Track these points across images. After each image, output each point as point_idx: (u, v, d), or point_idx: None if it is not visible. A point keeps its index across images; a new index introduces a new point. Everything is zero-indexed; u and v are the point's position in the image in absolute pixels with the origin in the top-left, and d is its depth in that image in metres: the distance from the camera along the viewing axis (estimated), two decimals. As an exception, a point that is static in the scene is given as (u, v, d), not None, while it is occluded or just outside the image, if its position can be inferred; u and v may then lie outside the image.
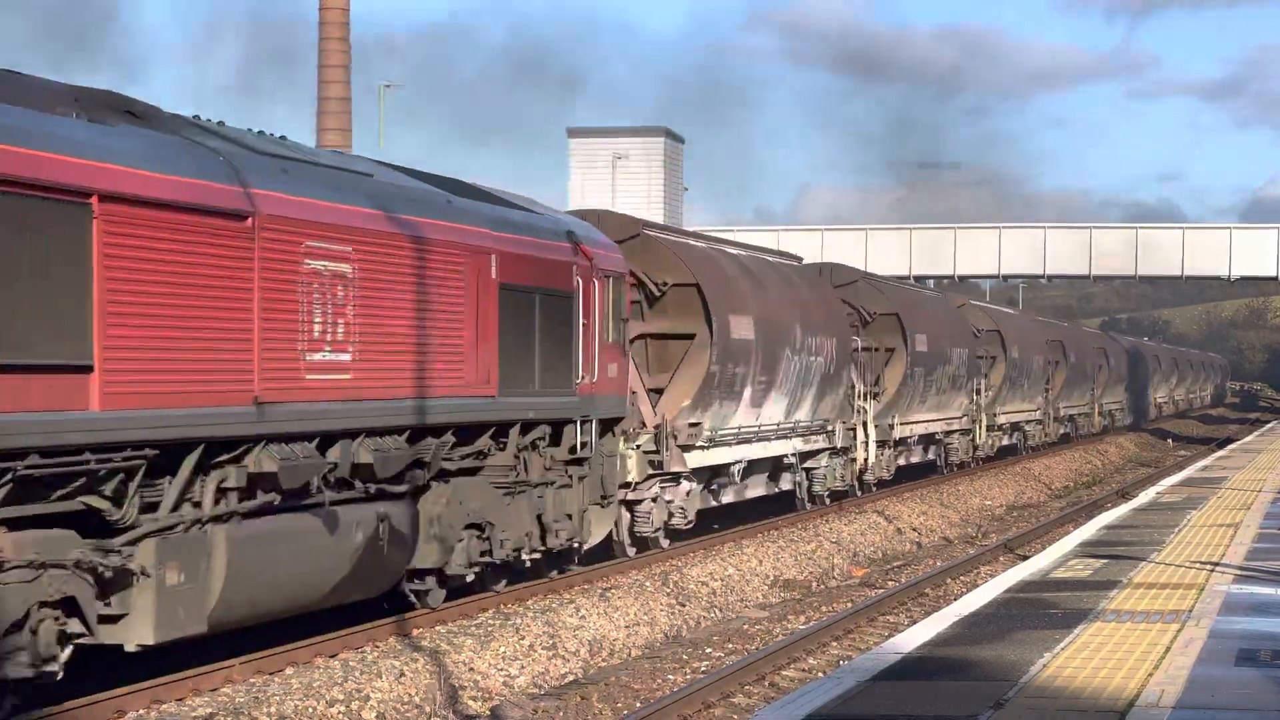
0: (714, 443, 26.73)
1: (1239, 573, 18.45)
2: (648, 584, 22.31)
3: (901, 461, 39.64)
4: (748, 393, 27.52)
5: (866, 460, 35.19)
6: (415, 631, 17.98)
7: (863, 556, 29.28)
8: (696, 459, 25.95)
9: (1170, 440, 74.37)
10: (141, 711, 14.11)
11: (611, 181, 76.13)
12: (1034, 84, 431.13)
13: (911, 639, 14.20)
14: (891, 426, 37.12)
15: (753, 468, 29.20)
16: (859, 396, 34.89)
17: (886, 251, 67.11)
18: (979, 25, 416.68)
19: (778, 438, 30.04)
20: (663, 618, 21.05)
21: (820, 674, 16.63)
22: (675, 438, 24.92)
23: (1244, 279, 68.04)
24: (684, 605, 21.98)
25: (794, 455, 30.98)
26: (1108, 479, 51.75)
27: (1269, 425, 79.64)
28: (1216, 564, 19.37)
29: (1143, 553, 20.87)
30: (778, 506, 31.98)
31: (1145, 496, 31.79)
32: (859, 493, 35.11)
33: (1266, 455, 46.76)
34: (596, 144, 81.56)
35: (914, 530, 33.45)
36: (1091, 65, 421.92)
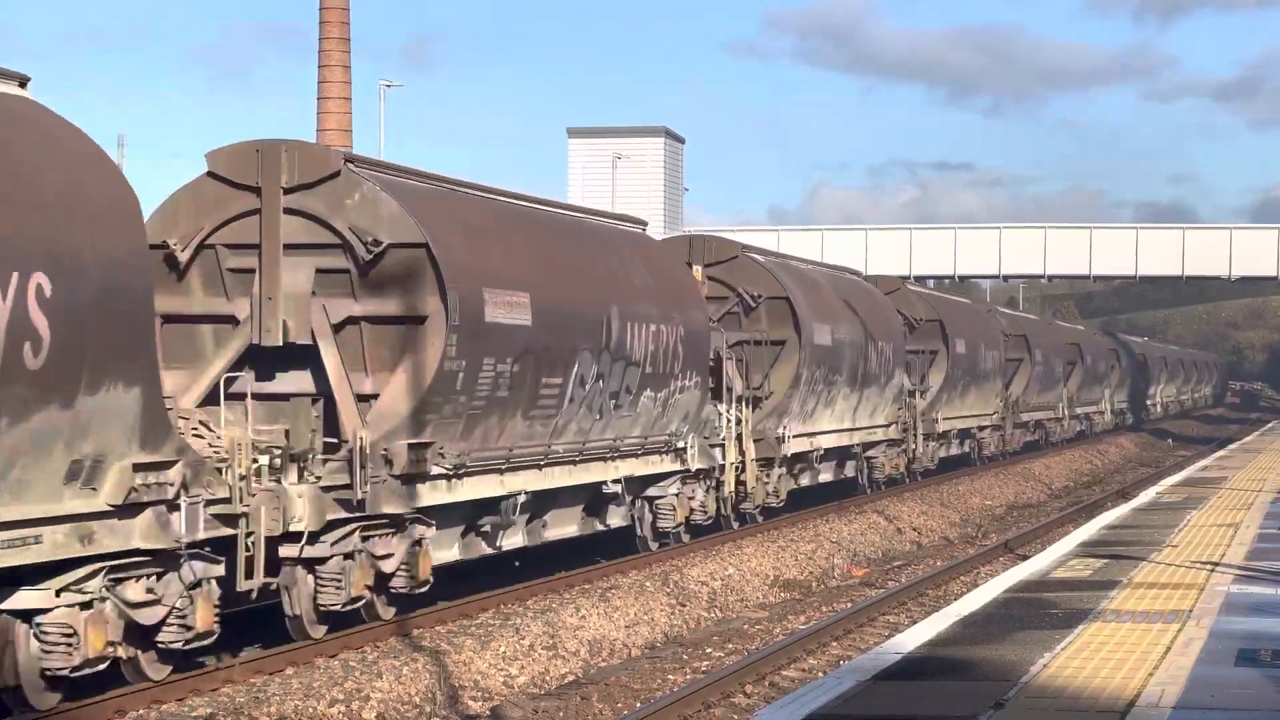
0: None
1: (1239, 573, 18.45)
2: (648, 584, 22.31)
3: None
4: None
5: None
6: (415, 631, 17.98)
7: (863, 556, 29.27)
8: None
9: (1170, 440, 74.37)
10: (142, 711, 14.11)
11: (612, 182, 76.11)
12: (1048, 84, 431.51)
13: (912, 639, 14.20)
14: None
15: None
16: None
17: (887, 252, 67.11)
18: (997, 25, 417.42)
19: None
20: (663, 618, 21.04)
21: (820, 674, 16.63)
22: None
23: (1244, 279, 68.04)
24: (684, 605, 21.98)
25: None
26: (1108, 479, 51.74)
27: (1269, 425, 79.63)
28: (1217, 564, 19.36)
29: (1143, 553, 20.87)
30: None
31: (1145, 496, 31.78)
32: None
33: (1266, 455, 46.75)
34: (597, 144, 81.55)
35: (914, 530, 33.45)
36: (1106, 66, 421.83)
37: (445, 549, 19.34)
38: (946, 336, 42.64)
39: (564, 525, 22.74)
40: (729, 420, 27.26)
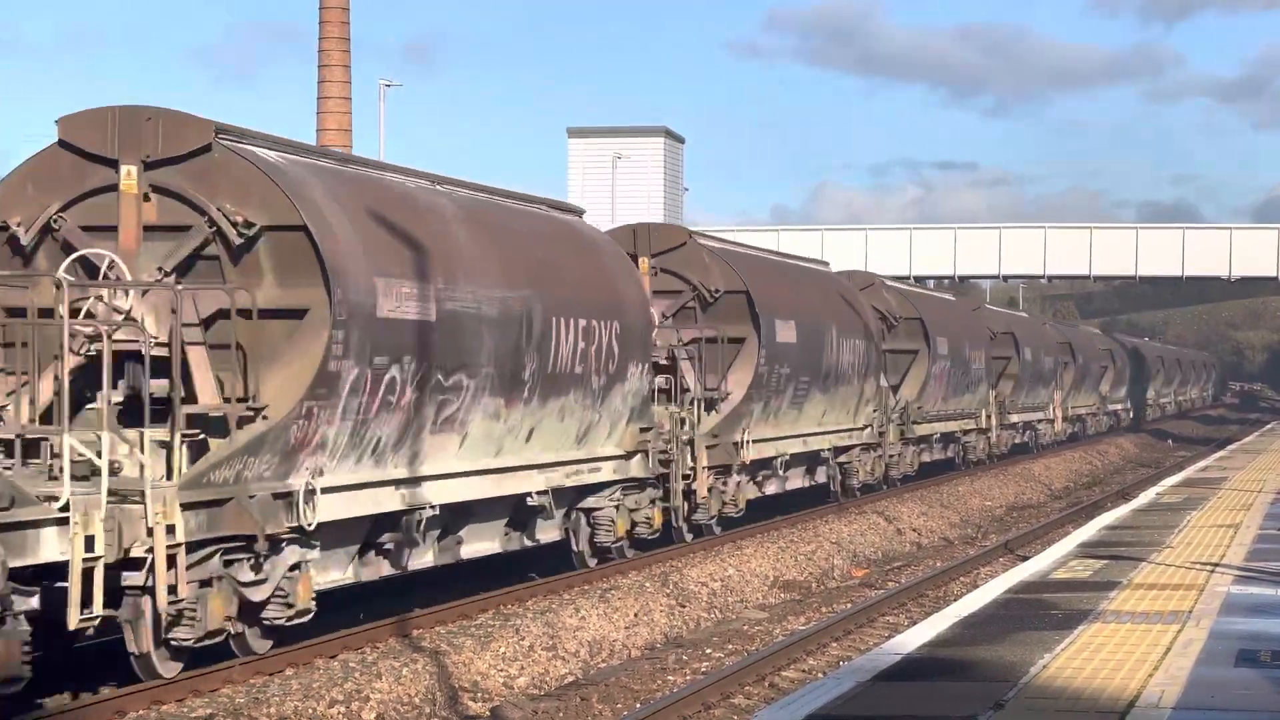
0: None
1: (1239, 573, 18.45)
2: (648, 585, 22.31)
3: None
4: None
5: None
6: (415, 632, 17.98)
7: (863, 557, 29.27)
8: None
9: (1170, 441, 74.36)
10: (142, 712, 14.11)
11: (611, 182, 76.11)
12: (1051, 83, 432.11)
13: (912, 639, 14.20)
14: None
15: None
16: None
17: (887, 252, 67.11)
18: (1001, 24, 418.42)
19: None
20: (662, 619, 21.04)
21: (820, 675, 16.62)
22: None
23: (1244, 279, 68.04)
24: (684, 606, 21.98)
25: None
26: (1108, 479, 51.74)
27: (1269, 426, 79.62)
28: (1217, 565, 19.37)
29: (1143, 553, 20.87)
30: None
31: (1145, 497, 31.78)
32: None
33: (1266, 456, 46.75)
34: (597, 144, 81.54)
35: (914, 531, 33.45)
36: (1110, 66, 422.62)
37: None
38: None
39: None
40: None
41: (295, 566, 16.02)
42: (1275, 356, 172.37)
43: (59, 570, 13.47)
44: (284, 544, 15.81)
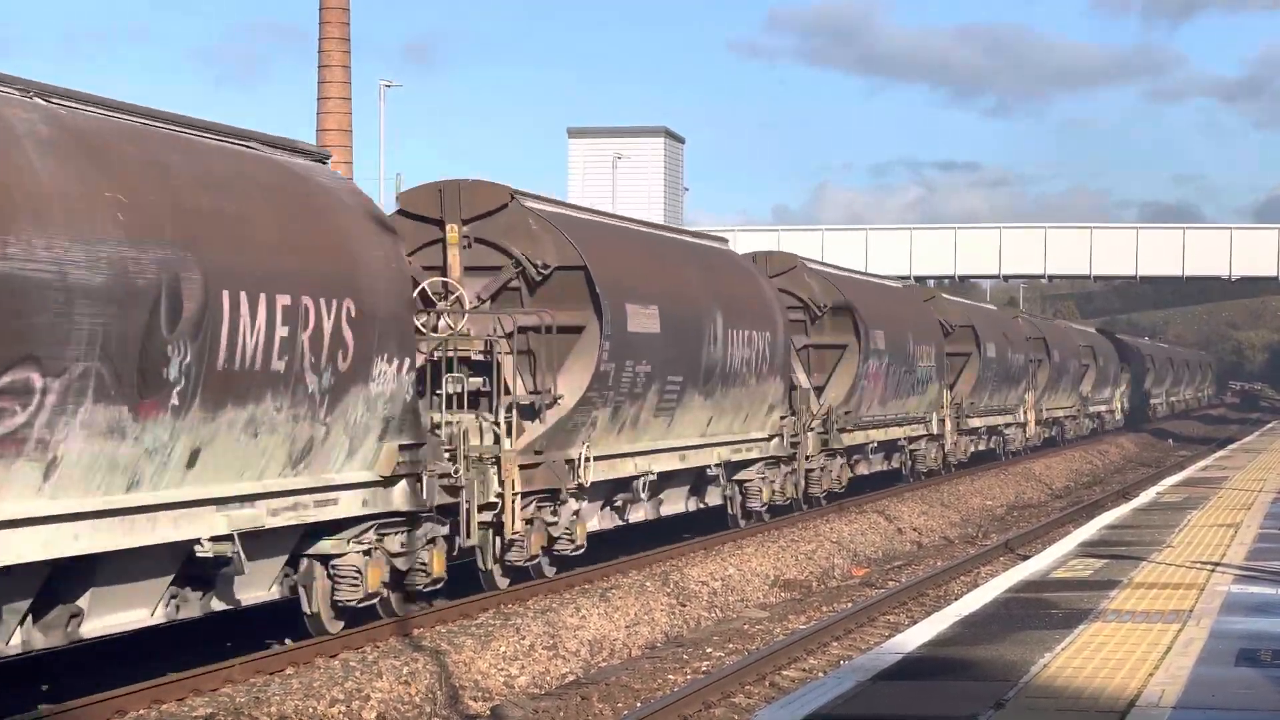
0: None
1: (1239, 573, 18.44)
2: (648, 584, 22.31)
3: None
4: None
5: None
6: (416, 631, 17.98)
7: (863, 556, 29.27)
8: None
9: (1171, 440, 74.37)
10: (142, 711, 14.11)
11: (612, 182, 76.10)
12: (1053, 83, 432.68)
13: (912, 639, 14.20)
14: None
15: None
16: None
17: (888, 252, 67.14)
18: (1003, 24, 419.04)
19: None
20: (663, 618, 21.04)
21: (821, 674, 16.62)
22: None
23: (1244, 279, 68.07)
24: (684, 605, 21.98)
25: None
26: (1108, 479, 51.74)
27: (1269, 425, 79.62)
28: (1217, 564, 19.36)
29: (1143, 553, 20.87)
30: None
31: (1146, 496, 31.78)
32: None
33: (1267, 455, 46.76)
34: (596, 144, 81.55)
35: (914, 530, 33.45)
36: (1112, 65, 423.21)
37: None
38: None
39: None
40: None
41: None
42: (1276, 356, 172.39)
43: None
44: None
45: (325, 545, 17.02)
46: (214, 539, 14.79)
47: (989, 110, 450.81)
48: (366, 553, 17.30)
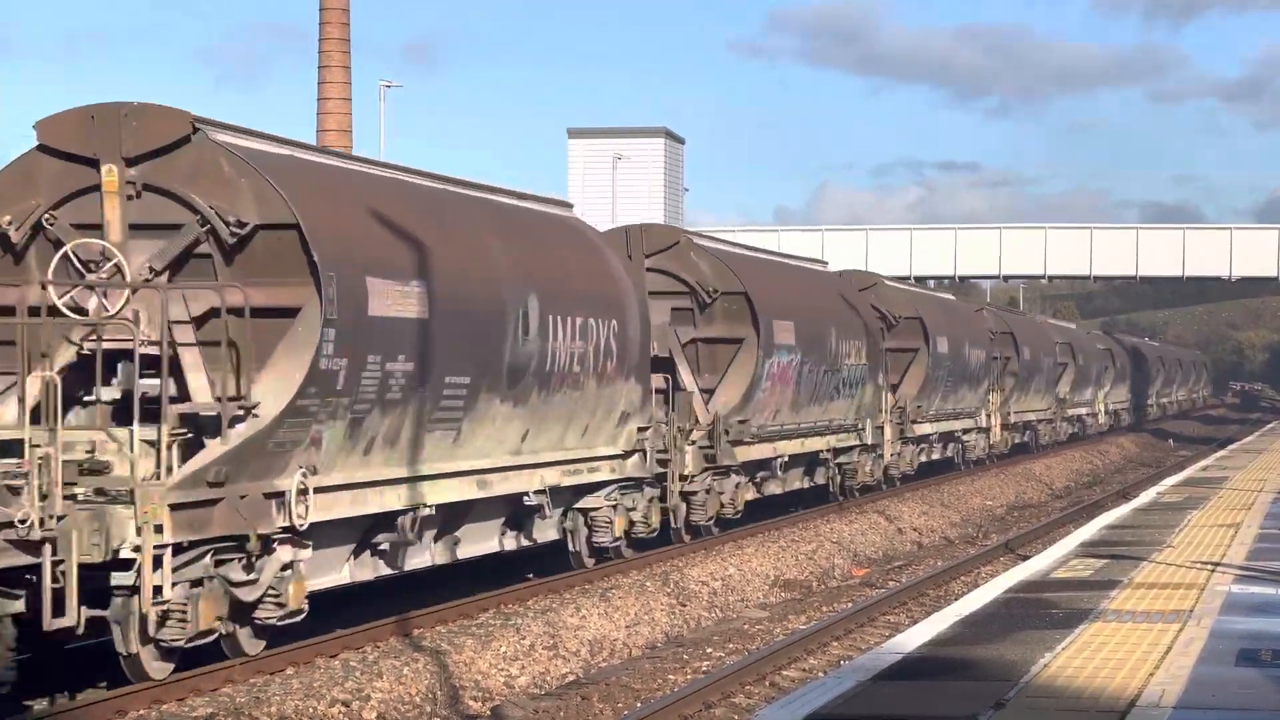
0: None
1: (1240, 573, 18.44)
2: (648, 584, 22.30)
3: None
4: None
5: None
6: (416, 631, 17.97)
7: (863, 556, 29.27)
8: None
9: (1171, 440, 74.35)
10: (142, 712, 14.11)
11: (612, 182, 76.11)
12: (1054, 84, 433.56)
13: (912, 639, 14.19)
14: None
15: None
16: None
17: (888, 252, 67.13)
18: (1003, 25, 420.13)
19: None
20: (663, 618, 21.04)
21: (821, 674, 16.62)
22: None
23: (1244, 279, 68.06)
24: (684, 605, 21.97)
25: (536, 496, 20.83)
26: (1108, 479, 51.73)
27: (1269, 426, 79.60)
28: (1217, 564, 19.36)
29: (1144, 553, 20.86)
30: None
31: (1146, 497, 31.78)
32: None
33: (1267, 455, 46.76)
34: (597, 144, 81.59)
35: (915, 530, 33.44)
36: (1114, 67, 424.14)
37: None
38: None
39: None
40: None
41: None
42: (1276, 356, 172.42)
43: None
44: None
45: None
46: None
47: (990, 111, 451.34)
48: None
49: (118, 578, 14.22)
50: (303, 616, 16.13)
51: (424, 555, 18.96)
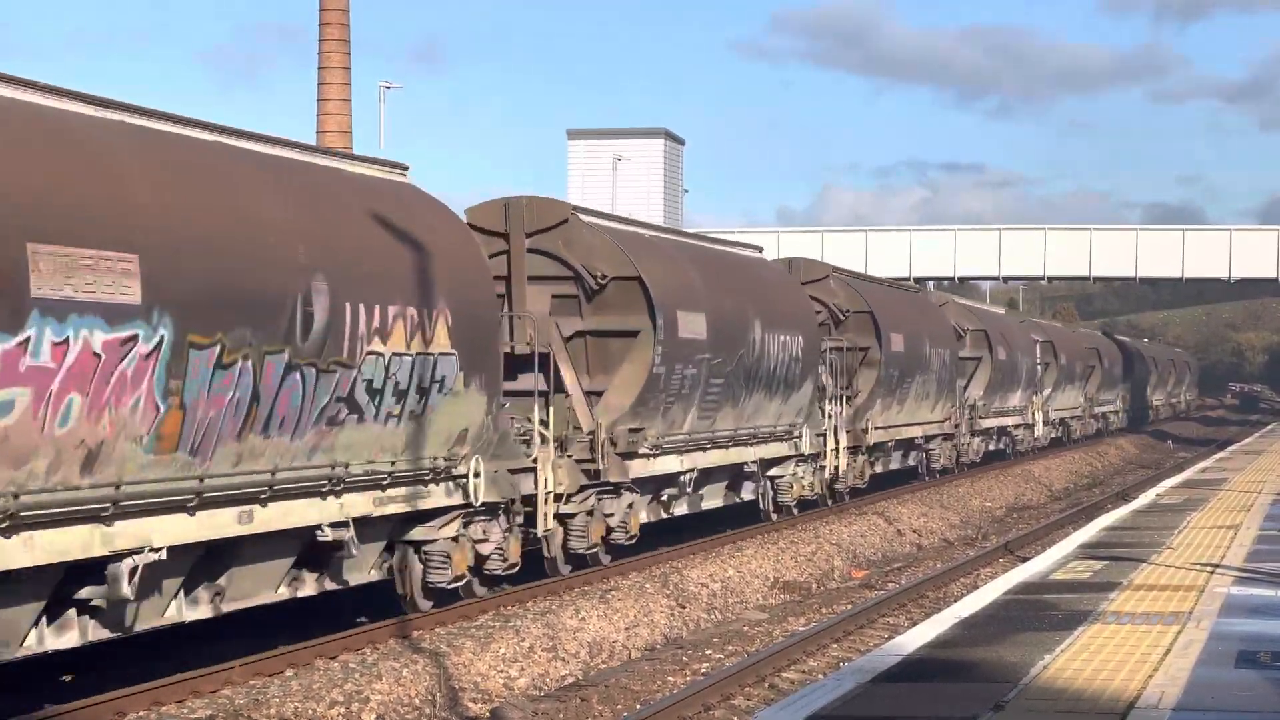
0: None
1: (1239, 574, 18.45)
2: (648, 586, 22.31)
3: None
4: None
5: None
6: (415, 633, 17.98)
7: (863, 558, 29.27)
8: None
9: (1170, 442, 74.34)
10: (142, 713, 14.12)
11: (611, 183, 76.11)
12: (1057, 85, 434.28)
13: (912, 640, 14.20)
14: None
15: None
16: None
17: (888, 253, 67.14)
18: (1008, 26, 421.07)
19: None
20: (662, 620, 21.04)
21: (820, 676, 16.62)
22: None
23: (1244, 280, 68.08)
24: (684, 607, 21.98)
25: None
26: (1107, 480, 51.74)
27: (1269, 427, 79.61)
28: (1217, 566, 19.36)
29: (1143, 554, 20.87)
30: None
31: (1145, 498, 31.78)
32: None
33: (1266, 457, 46.76)
34: (596, 145, 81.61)
35: (914, 532, 33.44)
36: (1117, 67, 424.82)
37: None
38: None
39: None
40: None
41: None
42: (1275, 358, 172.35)
43: None
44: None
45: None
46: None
47: (993, 112, 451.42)
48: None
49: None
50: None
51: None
